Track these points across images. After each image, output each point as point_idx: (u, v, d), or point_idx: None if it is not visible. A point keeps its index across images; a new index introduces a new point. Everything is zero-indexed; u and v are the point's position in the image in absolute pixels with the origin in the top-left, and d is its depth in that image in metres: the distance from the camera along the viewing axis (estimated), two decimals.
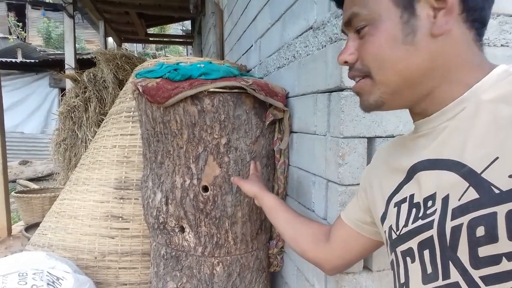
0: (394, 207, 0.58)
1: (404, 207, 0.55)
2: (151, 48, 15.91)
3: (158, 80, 1.26)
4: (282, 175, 1.38)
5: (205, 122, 1.23)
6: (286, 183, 1.40)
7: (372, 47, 0.53)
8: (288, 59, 1.37)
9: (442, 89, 0.52)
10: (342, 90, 0.96)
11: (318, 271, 1.10)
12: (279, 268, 1.50)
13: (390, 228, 0.58)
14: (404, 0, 0.51)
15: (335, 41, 0.97)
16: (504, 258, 0.38)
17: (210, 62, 1.32)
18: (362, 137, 0.98)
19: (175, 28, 14.94)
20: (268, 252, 1.47)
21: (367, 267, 1.02)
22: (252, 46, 1.99)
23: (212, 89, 1.20)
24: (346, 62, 0.57)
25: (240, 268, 1.35)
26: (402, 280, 0.54)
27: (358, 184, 1.00)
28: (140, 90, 1.28)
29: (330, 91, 1.02)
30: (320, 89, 1.08)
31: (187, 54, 12.26)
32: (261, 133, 1.32)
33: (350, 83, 0.95)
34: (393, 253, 0.57)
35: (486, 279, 0.40)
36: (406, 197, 0.56)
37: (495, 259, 0.39)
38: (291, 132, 1.35)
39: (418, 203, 0.52)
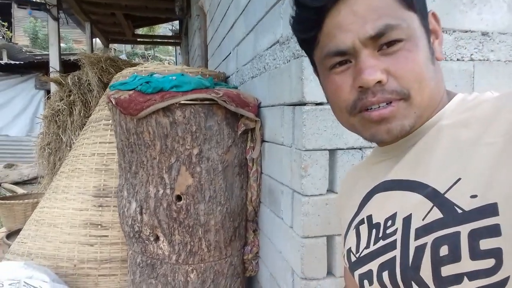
0: (353, 229, 0.57)
1: (363, 228, 0.55)
2: (140, 48, 15.80)
3: (131, 92, 1.29)
4: (255, 183, 1.41)
5: (177, 133, 1.25)
6: (260, 190, 1.43)
7: (414, 64, 0.47)
8: (260, 69, 1.40)
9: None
10: (304, 104, 0.99)
11: (286, 277, 1.14)
12: (255, 273, 1.53)
13: (349, 250, 0.57)
14: (426, 25, 0.50)
15: (297, 57, 1.01)
16: (465, 278, 0.39)
17: (183, 74, 1.34)
18: (324, 150, 1.01)
19: (164, 27, 14.88)
20: (243, 257, 1.50)
21: (331, 273, 1.06)
22: (230, 53, 2.01)
23: (183, 101, 1.23)
24: (379, 82, 0.47)
25: (214, 274, 1.38)
26: None
27: (321, 194, 1.04)
28: (113, 102, 1.30)
29: (294, 105, 1.05)
30: (286, 101, 1.11)
31: (175, 54, 12.23)
32: (233, 142, 1.35)
33: (312, 97, 0.99)
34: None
35: None
36: (364, 218, 0.55)
37: (457, 279, 0.39)
38: (263, 141, 1.38)
39: (378, 223, 0.52)
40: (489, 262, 0.37)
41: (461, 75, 1.08)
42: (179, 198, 1.31)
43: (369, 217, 0.54)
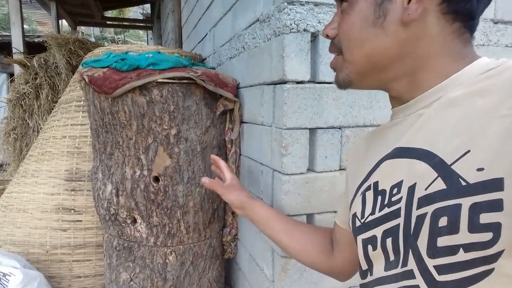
0: (360, 195, 0.58)
1: (369, 194, 0.55)
2: (110, 32, 15.24)
3: (105, 70, 1.24)
4: (234, 165, 1.40)
5: (154, 113, 1.22)
6: (238, 172, 1.43)
7: (346, 25, 0.54)
8: (238, 50, 1.38)
9: (418, 77, 0.51)
10: (285, 82, 0.99)
11: (266, 256, 1.15)
12: (233, 255, 1.54)
13: (354, 215, 0.58)
14: None
15: (279, 35, 1.00)
16: (461, 249, 0.39)
17: (159, 52, 1.30)
18: (304, 128, 1.02)
19: (135, 11, 14.39)
20: (222, 240, 1.50)
21: None
22: (206, 34, 1.98)
23: (160, 80, 1.19)
24: (327, 36, 0.57)
25: (193, 256, 1.38)
26: (365, 267, 0.55)
27: (302, 173, 1.05)
28: (87, 80, 1.25)
29: (275, 83, 1.05)
30: (266, 81, 1.11)
31: (147, 39, 11.88)
32: (212, 123, 1.34)
33: (293, 75, 0.99)
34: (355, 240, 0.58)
35: (440, 268, 0.41)
36: (370, 185, 0.55)
37: (452, 249, 0.40)
38: (242, 122, 1.37)
39: (384, 190, 0.52)
40: (487, 236, 0.37)
41: None
42: (156, 179, 1.29)
43: (376, 184, 0.54)
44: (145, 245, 1.33)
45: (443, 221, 0.40)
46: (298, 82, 1.00)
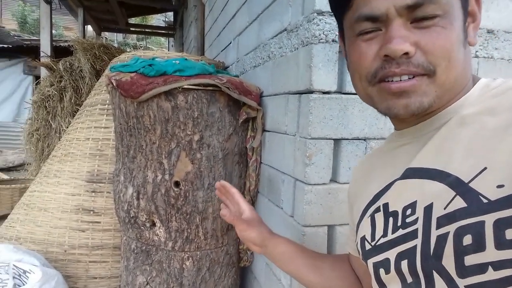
0: (368, 217, 0.57)
1: (379, 216, 0.54)
2: (132, 38, 15.60)
3: (133, 74, 1.26)
4: (254, 173, 1.40)
5: (178, 118, 1.24)
6: (258, 180, 1.42)
7: (445, 42, 0.46)
8: (263, 58, 1.39)
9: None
10: (311, 92, 0.99)
11: None
12: (249, 263, 1.53)
13: (363, 238, 0.57)
14: (466, 6, 0.50)
15: (307, 45, 1.00)
16: (490, 267, 0.38)
17: (186, 59, 1.32)
18: (329, 139, 1.01)
19: (157, 19, 14.71)
20: (239, 247, 1.50)
21: None
22: (230, 43, 2.00)
23: (186, 86, 1.21)
24: (406, 54, 0.46)
25: (210, 262, 1.37)
26: None
27: (324, 184, 1.04)
28: (114, 84, 1.28)
29: (301, 93, 1.05)
30: (292, 90, 1.11)
31: (168, 46, 12.10)
32: (234, 130, 1.34)
33: (319, 85, 0.99)
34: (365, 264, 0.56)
35: (471, 287, 0.40)
36: (380, 206, 0.54)
37: (481, 268, 0.39)
38: (264, 130, 1.37)
39: (396, 212, 0.51)
40: None
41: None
42: (177, 184, 1.30)
43: (385, 205, 0.53)
44: (163, 249, 1.34)
45: (467, 239, 0.40)
46: (324, 92, 0.99)
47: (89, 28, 8.10)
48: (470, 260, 0.40)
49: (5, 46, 7.31)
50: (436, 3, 0.46)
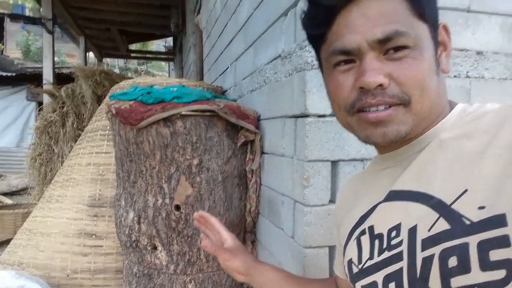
0: (354, 239, 0.57)
1: (365, 239, 0.54)
2: (133, 62, 15.86)
3: (131, 102, 1.30)
4: (254, 194, 1.42)
5: (177, 143, 1.27)
6: (258, 201, 1.44)
7: (417, 72, 0.48)
8: (259, 83, 1.43)
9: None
10: (307, 116, 1.02)
11: None
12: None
13: (350, 261, 0.57)
14: (435, 37, 0.52)
15: (300, 71, 1.04)
16: None
17: (184, 86, 1.37)
18: (326, 161, 1.04)
19: (157, 44, 14.99)
20: None
21: None
22: (228, 68, 2.05)
23: (184, 112, 1.25)
24: (381, 85, 0.48)
25: (212, 285, 1.38)
26: None
27: (323, 205, 1.06)
28: (114, 112, 1.31)
29: (296, 117, 1.08)
30: (288, 114, 1.14)
31: (168, 70, 12.30)
32: (233, 153, 1.37)
33: (314, 109, 1.02)
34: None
35: None
36: (365, 229, 0.55)
37: None
38: (263, 153, 1.40)
39: (381, 234, 0.51)
40: (500, 273, 0.37)
41: (458, 91, 1.12)
42: (178, 208, 1.31)
43: (371, 228, 0.54)
44: (165, 273, 1.34)
45: (452, 261, 0.40)
46: (319, 116, 1.03)
47: (91, 54, 8.28)
48: (456, 282, 0.40)
49: (9, 74, 7.46)
50: (405, 36, 0.47)
